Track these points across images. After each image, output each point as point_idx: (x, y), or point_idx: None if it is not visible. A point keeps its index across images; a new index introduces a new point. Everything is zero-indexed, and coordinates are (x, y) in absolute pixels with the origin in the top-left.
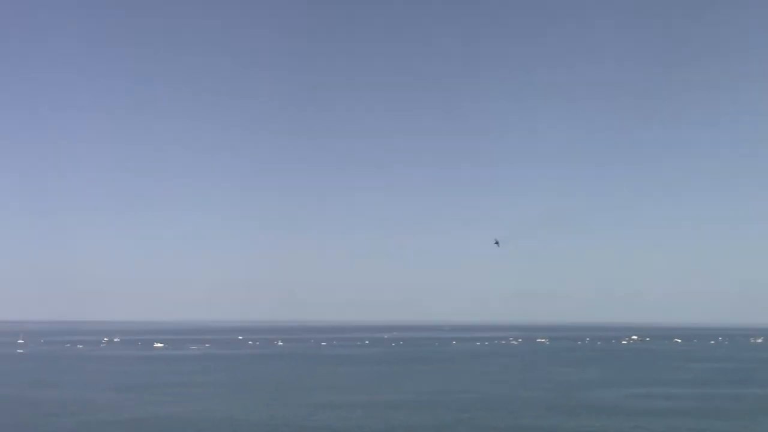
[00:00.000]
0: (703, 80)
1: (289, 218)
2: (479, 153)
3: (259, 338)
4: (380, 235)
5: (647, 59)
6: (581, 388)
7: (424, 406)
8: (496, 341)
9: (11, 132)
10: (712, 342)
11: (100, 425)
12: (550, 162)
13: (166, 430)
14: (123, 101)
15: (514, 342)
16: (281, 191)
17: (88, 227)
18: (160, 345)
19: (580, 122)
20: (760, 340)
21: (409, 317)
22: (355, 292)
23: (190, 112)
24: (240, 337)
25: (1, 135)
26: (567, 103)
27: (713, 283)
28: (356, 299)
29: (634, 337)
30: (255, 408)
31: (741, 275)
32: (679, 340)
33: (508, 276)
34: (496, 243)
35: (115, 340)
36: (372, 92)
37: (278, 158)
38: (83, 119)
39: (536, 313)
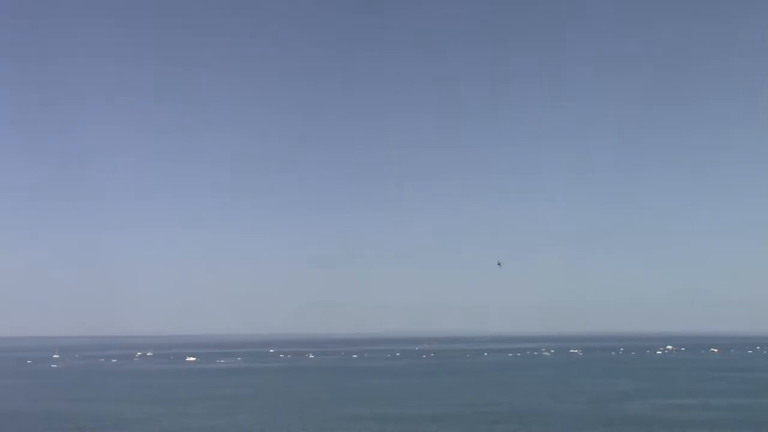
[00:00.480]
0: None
1: (321, 230)
2: (514, 161)
3: (290, 351)
4: (414, 246)
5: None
6: (616, 400)
7: (455, 418)
8: (528, 352)
9: (42, 148)
10: (750, 351)
11: None
12: (586, 175)
13: None
14: (159, 116)
15: (546, 353)
16: (313, 202)
17: (121, 242)
18: (192, 359)
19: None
20: None
21: (441, 328)
22: (387, 303)
23: (222, 127)
24: (271, 351)
25: (32, 152)
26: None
27: (752, 290)
28: (388, 311)
29: (669, 346)
30: (287, 421)
31: None
32: (716, 350)
33: (540, 287)
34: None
35: (148, 354)
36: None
37: (307, 171)
38: (113, 136)
39: (569, 323)
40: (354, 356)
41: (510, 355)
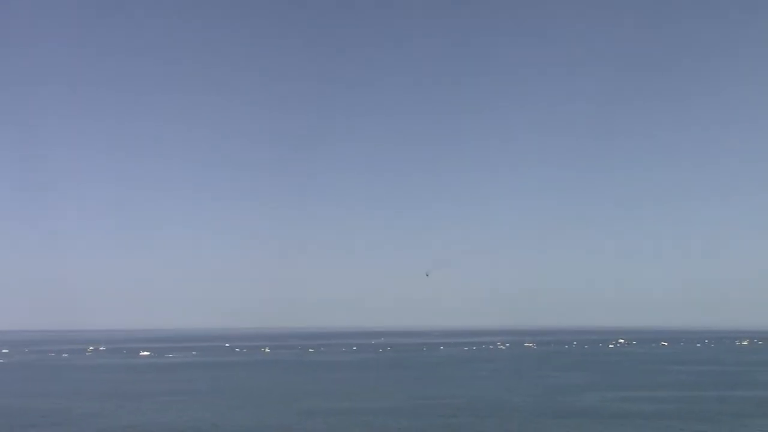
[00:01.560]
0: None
1: (276, 224)
2: (466, 158)
3: (246, 345)
4: (368, 241)
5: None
6: (568, 393)
7: (411, 412)
8: (483, 346)
9: None
10: (698, 345)
11: None
12: (539, 166)
13: None
14: (121, 108)
15: (501, 347)
16: (265, 197)
17: (73, 235)
18: (146, 353)
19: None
20: (745, 343)
21: (398, 322)
22: (343, 297)
23: (182, 117)
24: (227, 345)
25: None
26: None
27: (699, 287)
28: (344, 305)
29: (621, 340)
30: (241, 416)
31: (727, 278)
32: (666, 343)
33: (496, 281)
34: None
35: (101, 348)
36: (353, 95)
37: (263, 163)
38: (71, 122)
39: (524, 317)
40: (311, 350)
41: (466, 348)
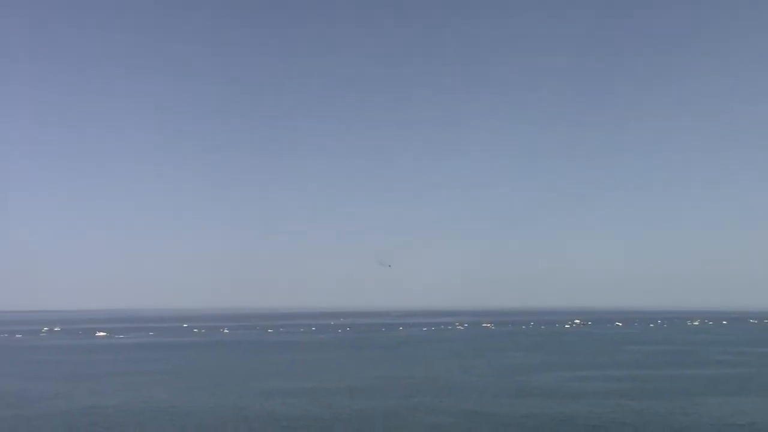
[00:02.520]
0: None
1: (233, 204)
2: (423, 144)
3: (205, 326)
4: (328, 223)
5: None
6: (525, 372)
7: (370, 391)
8: (442, 326)
9: None
10: (652, 325)
11: (37, 417)
12: (502, 155)
13: (106, 421)
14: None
15: (460, 327)
16: (223, 178)
17: (25, 216)
18: (102, 334)
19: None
20: (696, 323)
21: (357, 303)
22: (303, 278)
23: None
24: (185, 325)
25: None
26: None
27: (653, 268)
28: (303, 285)
29: (577, 320)
30: (199, 397)
31: (678, 260)
32: (620, 324)
33: (455, 263)
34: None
35: (56, 329)
36: (315, 73)
37: (223, 145)
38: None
39: (483, 298)
40: (270, 331)
41: (425, 329)
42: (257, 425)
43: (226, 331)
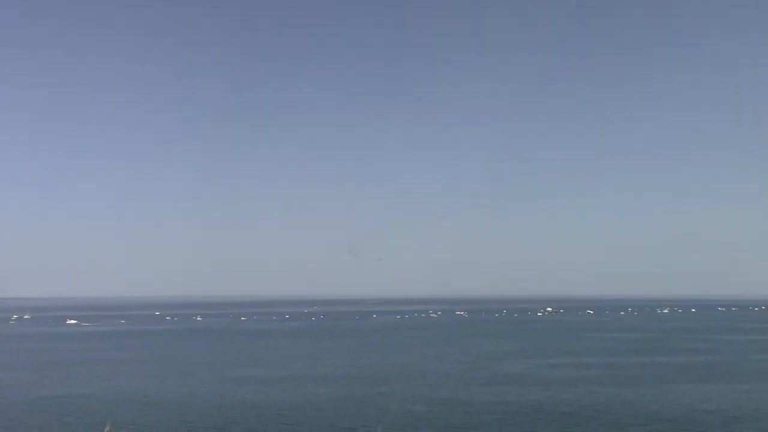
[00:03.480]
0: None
1: (206, 192)
2: (395, 131)
3: (177, 314)
4: (301, 210)
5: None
6: (497, 360)
7: (343, 379)
8: (416, 314)
9: None
10: (622, 313)
11: (7, 408)
12: (474, 143)
13: (77, 411)
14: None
15: (433, 315)
16: (200, 164)
17: None
18: (73, 321)
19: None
20: (666, 311)
21: (331, 291)
22: (276, 266)
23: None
24: (157, 313)
25: None
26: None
27: (624, 257)
28: (277, 273)
29: (549, 308)
30: (171, 385)
31: (650, 250)
32: (591, 312)
33: (429, 250)
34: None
35: (26, 317)
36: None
37: (193, 133)
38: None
39: (457, 286)
40: (243, 318)
41: (398, 317)
42: (230, 413)
43: (198, 318)
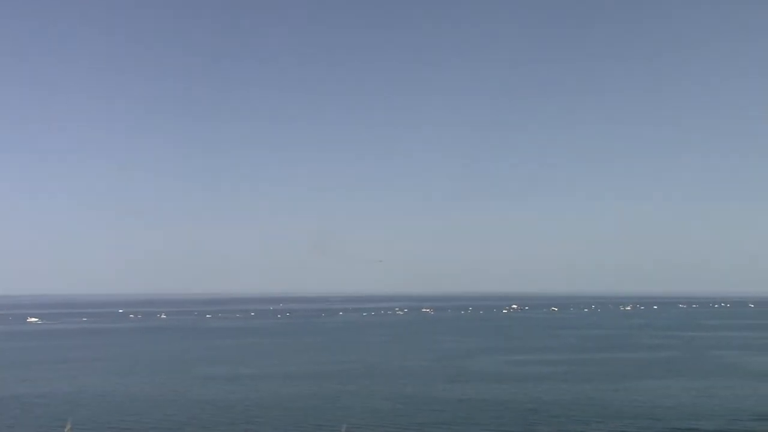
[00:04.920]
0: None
1: (170, 190)
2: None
3: (141, 311)
4: (267, 205)
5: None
6: (463, 357)
7: (309, 377)
8: (382, 312)
9: None
10: (586, 310)
11: None
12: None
13: (37, 410)
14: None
15: (399, 312)
16: (153, 154)
17: None
18: (34, 319)
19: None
20: (628, 308)
21: (296, 288)
22: (242, 263)
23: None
24: (120, 311)
25: None
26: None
27: (590, 255)
28: (242, 270)
29: (514, 306)
30: (136, 383)
31: (615, 247)
32: (556, 309)
33: (395, 247)
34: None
35: None
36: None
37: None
38: None
39: (423, 283)
40: (208, 316)
41: (364, 314)
42: (193, 411)
43: (163, 316)
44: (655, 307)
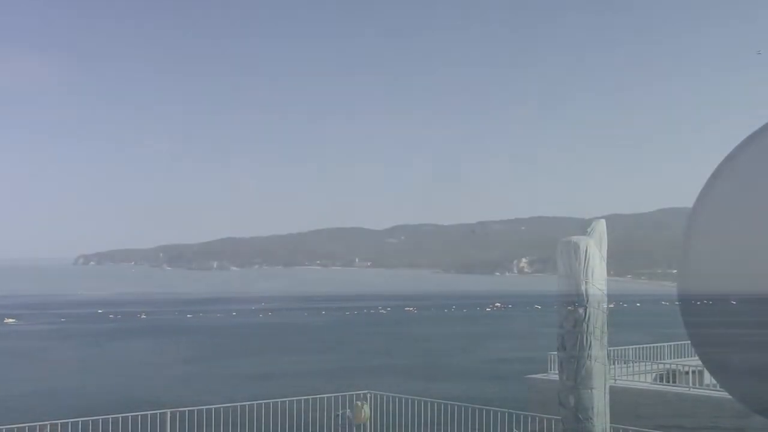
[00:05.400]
0: None
1: (154, 182)
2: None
3: (121, 311)
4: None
5: None
6: (444, 355)
7: (285, 376)
8: (365, 311)
9: None
10: (570, 308)
11: None
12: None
13: (8, 414)
14: None
15: (383, 311)
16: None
17: None
18: (11, 320)
19: None
20: (612, 305)
21: (278, 286)
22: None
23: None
24: (99, 311)
25: None
26: None
27: None
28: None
29: (498, 304)
30: (112, 385)
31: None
32: (539, 307)
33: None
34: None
35: None
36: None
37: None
38: None
39: (407, 282)
40: (189, 316)
41: (347, 313)
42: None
43: (143, 316)
44: (639, 304)
